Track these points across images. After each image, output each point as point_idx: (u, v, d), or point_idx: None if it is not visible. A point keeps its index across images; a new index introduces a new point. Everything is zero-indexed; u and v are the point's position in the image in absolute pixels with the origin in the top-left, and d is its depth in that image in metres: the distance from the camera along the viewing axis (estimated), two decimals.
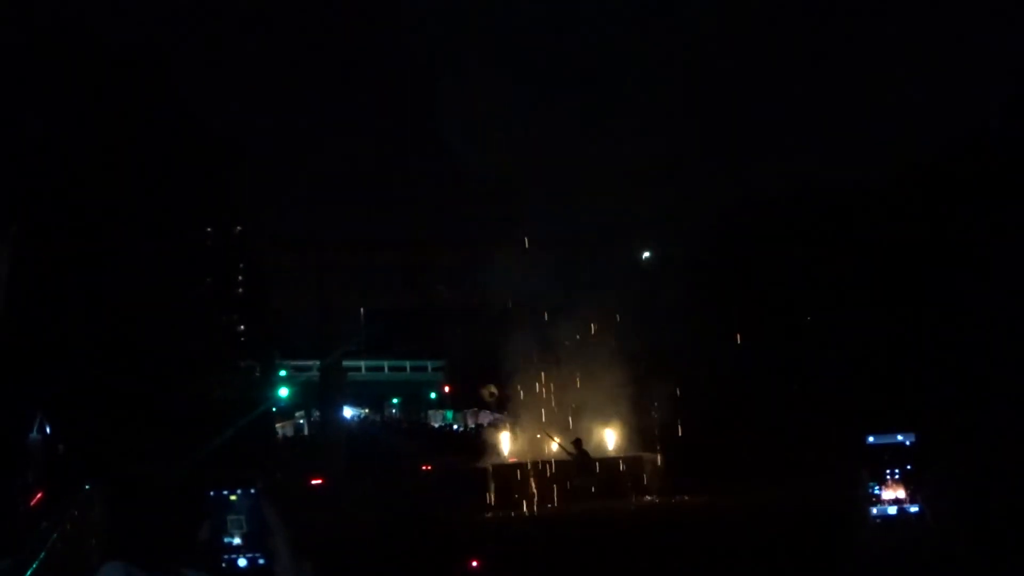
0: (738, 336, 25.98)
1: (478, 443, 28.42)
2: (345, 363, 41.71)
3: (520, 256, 25.67)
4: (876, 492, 3.98)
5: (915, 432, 4.10)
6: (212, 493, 1.93)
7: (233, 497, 1.91)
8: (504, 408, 30.58)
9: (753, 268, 26.23)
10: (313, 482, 23.53)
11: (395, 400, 47.88)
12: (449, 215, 40.25)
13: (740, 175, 27.43)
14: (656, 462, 23.98)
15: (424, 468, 25.47)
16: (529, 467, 23.21)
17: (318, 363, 39.54)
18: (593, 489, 20.51)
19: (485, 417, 38.64)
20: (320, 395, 39.40)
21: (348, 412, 43.01)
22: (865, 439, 4.18)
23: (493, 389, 30.86)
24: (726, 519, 15.31)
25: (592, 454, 23.19)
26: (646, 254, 29.89)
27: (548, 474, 22.38)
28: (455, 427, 38.80)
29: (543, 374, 25.70)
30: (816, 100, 28.06)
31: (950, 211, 23.06)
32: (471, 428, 36.71)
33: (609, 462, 23.66)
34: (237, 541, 1.88)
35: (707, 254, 25.81)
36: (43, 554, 9.87)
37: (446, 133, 25.97)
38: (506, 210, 25.91)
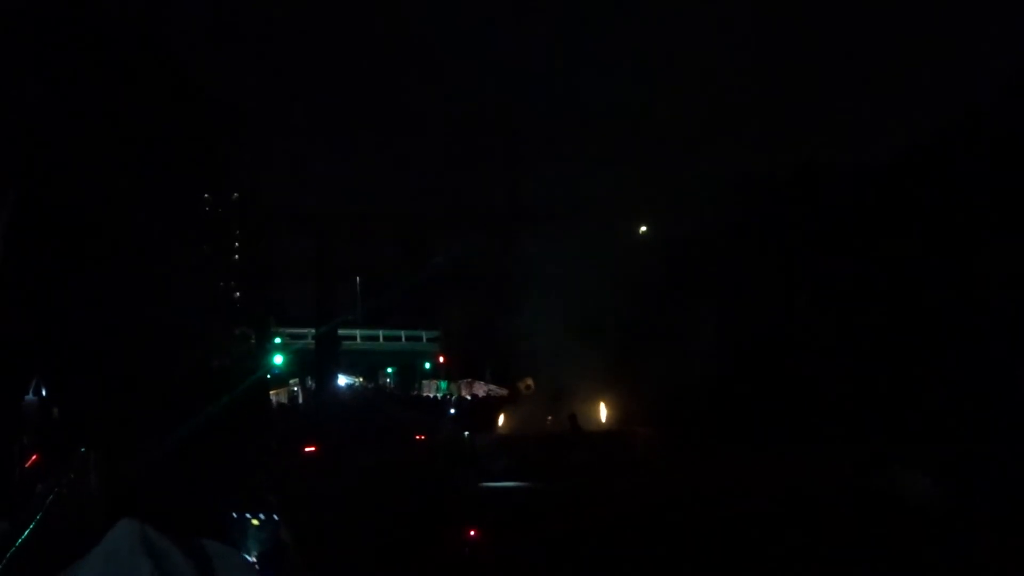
0: (733, 316, 26.02)
1: (474, 414, 28.46)
2: (340, 332, 41.77)
3: (521, 229, 25.65)
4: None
5: (920, 416, 4.07)
6: (235, 515, 1.96)
7: (255, 522, 1.94)
8: (501, 382, 30.59)
9: (753, 246, 26.22)
10: (307, 450, 23.53)
11: (390, 370, 48.00)
12: (449, 186, 40.19)
13: (744, 154, 27.42)
14: (649, 436, 24.10)
15: (418, 438, 25.46)
16: (525, 440, 23.29)
17: (313, 331, 39.58)
18: (588, 463, 20.60)
19: (480, 388, 38.78)
20: (315, 363, 39.45)
21: (342, 381, 43.09)
22: None
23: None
24: (717, 495, 15.37)
25: (587, 428, 23.32)
26: (643, 228, 29.88)
27: (544, 447, 22.49)
28: (450, 397, 38.90)
29: (540, 348, 25.76)
30: (819, 81, 28.01)
31: (949, 190, 23.04)
32: (466, 399, 36.79)
33: (604, 436, 23.79)
34: (252, 560, 1.90)
35: (708, 232, 25.78)
36: (39, 516, 9.89)
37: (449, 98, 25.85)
38: (509, 184, 25.89)
